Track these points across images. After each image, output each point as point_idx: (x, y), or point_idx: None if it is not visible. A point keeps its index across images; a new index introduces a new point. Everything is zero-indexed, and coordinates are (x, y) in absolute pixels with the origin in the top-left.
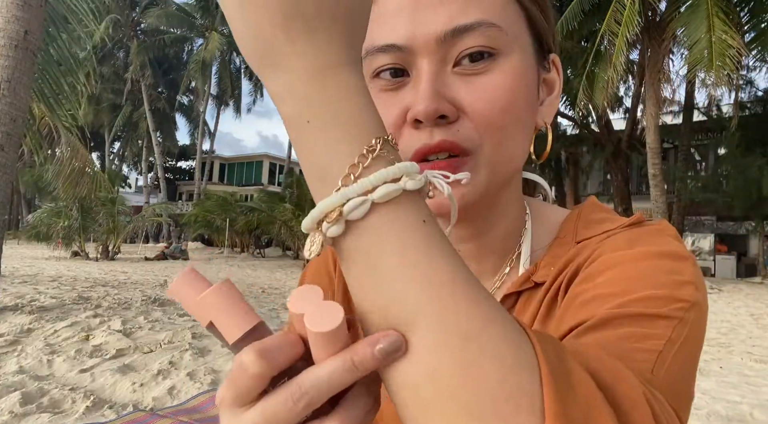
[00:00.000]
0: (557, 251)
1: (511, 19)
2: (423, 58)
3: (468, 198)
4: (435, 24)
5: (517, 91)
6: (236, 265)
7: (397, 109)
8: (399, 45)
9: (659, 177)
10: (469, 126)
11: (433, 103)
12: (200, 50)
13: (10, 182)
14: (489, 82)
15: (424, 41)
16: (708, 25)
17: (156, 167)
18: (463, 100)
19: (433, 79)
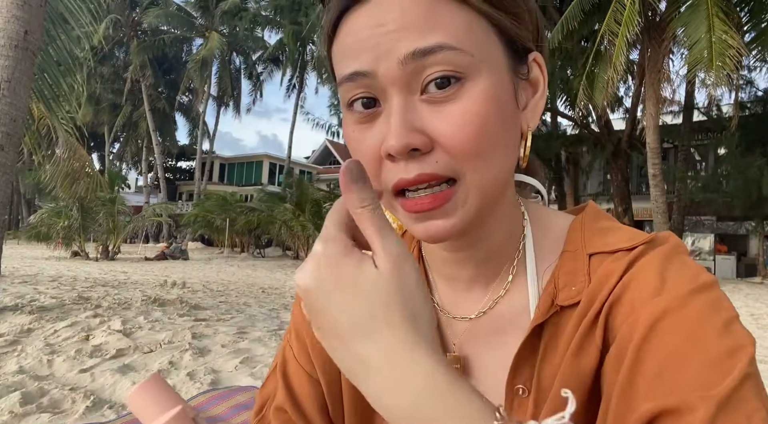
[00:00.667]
0: (571, 267)
1: (477, 39)
2: (391, 86)
3: (459, 227)
4: (396, 48)
5: (489, 114)
6: (236, 265)
7: (373, 142)
8: (363, 71)
9: (659, 177)
10: (445, 157)
11: (404, 139)
12: (200, 50)
13: (10, 182)
14: (458, 110)
15: (387, 66)
16: (708, 25)
17: (156, 167)
18: (434, 130)
19: (402, 111)
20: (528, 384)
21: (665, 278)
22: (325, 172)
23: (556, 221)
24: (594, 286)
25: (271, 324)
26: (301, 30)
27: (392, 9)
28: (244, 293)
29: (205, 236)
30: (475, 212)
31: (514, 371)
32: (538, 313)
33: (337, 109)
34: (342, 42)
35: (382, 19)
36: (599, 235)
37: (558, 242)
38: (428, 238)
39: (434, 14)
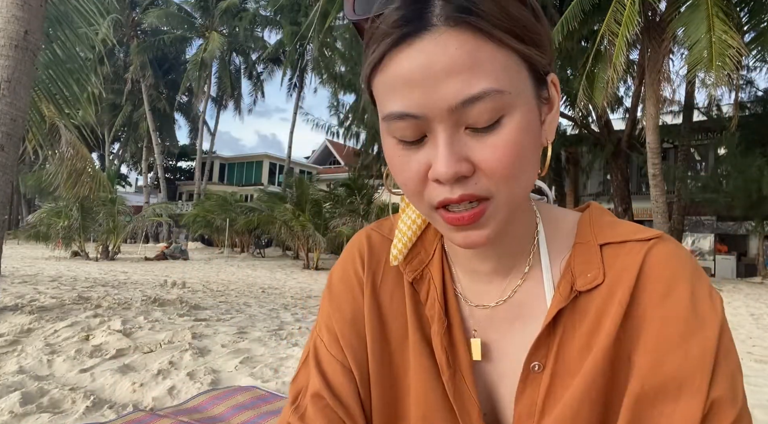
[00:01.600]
0: (585, 257)
1: (512, 76)
2: (438, 123)
3: (492, 236)
4: (445, 96)
5: (524, 141)
6: (236, 265)
7: (419, 165)
8: (414, 114)
9: (659, 177)
10: (484, 180)
11: (453, 168)
12: (200, 50)
13: (10, 182)
14: (499, 140)
15: (437, 111)
16: (708, 25)
17: (156, 167)
18: (476, 157)
19: (450, 144)
20: (543, 360)
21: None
22: (325, 172)
23: (565, 218)
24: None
25: (271, 324)
26: (301, 30)
27: (441, 54)
28: (244, 293)
29: (205, 236)
30: (504, 222)
31: (535, 349)
32: (559, 298)
33: (336, 109)
34: (389, 78)
35: (431, 63)
36: (607, 227)
37: (568, 236)
38: (466, 246)
39: (478, 59)
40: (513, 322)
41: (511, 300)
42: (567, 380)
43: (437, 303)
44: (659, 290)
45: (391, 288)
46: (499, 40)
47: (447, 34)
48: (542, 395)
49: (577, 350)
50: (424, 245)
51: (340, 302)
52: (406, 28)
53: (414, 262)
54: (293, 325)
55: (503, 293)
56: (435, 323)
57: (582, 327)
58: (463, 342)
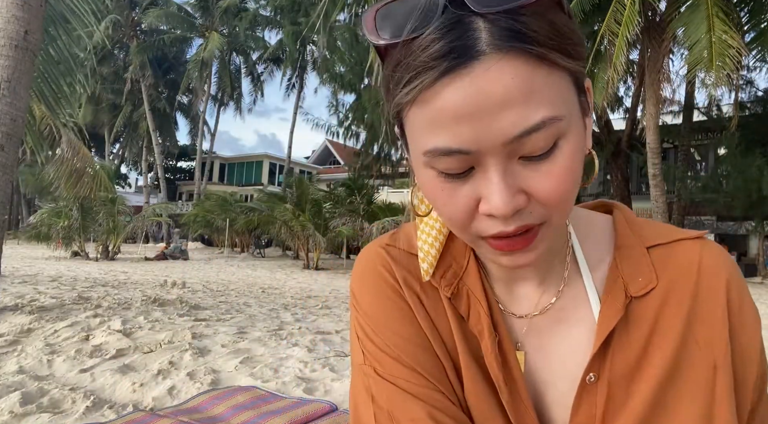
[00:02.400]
0: (632, 261)
1: (565, 97)
2: (490, 157)
3: (540, 258)
4: (500, 129)
5: (577, 163)
6: (236, 265)
7: (468, 199)
8: (464, 150)
9: (659, 177)
10: (539, 207)
11: (511, 204)
12: (200, 50)
13: (10, 182)
14: (555, 167)
15: (491, 146)
16: (708, 25)
17: (156, 167)
18: (531, 187)
19: (504, 177)
20: (598, 371)
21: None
22: (325, 172)
23: (594, 219)
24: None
25: (271, 324)
26: (301, 31)
27: (494, 86)
28: (244, 293)
29: (205, 236)
30: (551, 243)
31: (593, 360)
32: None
33: (336, 109)
34: (431, 112)
35: (485, 96)
36: (647, 228)
37: (602, 238)
38: (514, 267)
39: (534, 87)
40: (555, 330)
41: (552, 307)
42: (625, 387)
43: (483, 317)
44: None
45: (433, 304)
46: (553, 62)
47: (500, 63)
48: (601, 406)
49: (634, 357)
50: (455, 257)
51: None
52: (453, 60)
53: (447, 275)
54: (293, 325)
55: (543, 300)
56: (485, 338)
57: (637, 333)
58: (513, 356)
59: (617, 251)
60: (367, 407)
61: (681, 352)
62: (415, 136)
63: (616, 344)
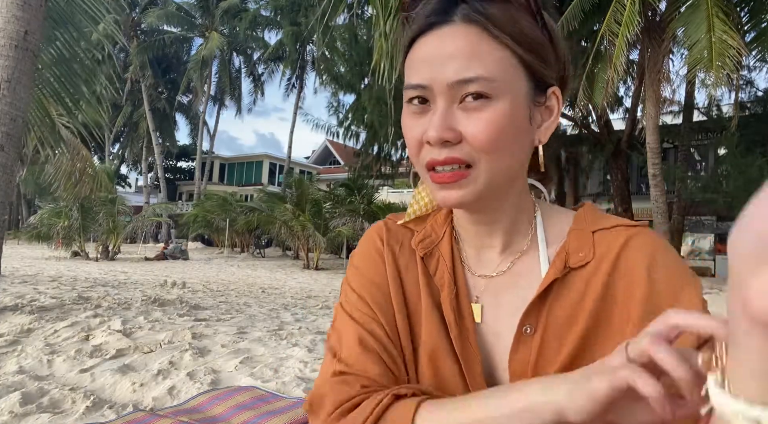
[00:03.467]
0: (579, 241)
1: (505, 71)
2: (439, 95)
3: (467, 198)
4: (446, 74)
5: (504, 124)
6: (236, 265)
7: (420, 130)
8: (422, 84)
9: (659, 177)
10: (468, 148)
11: (440, 133)
12: (200, 50)
13: (11, 182)
14: (483, 118)
15: (439, 85)
16: (708, 25)
17: (156, 167)
18: (464, 129)
19: (443, 114)
20: (534, 325)
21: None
22: (325, 172)
23: (559, 212)
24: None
25: (271, 324)
26: (301, 31)
27: (451, 42)
28: (244, 293)
29: (205, 236)
30: (481, 190)
31: (526, 314)
32: (553, 271)
33: (336, 109)
34: (413, 56)
35: (443, 48)
36: (600, 218)
37: (561, 226)
38: (444, 203)
39: (478, 51)
40: (509, 290)
41: (509, 271)
42: (555, 343)
43: (447, 273)
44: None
45: (406, 262)
46: (501, 41)
47: (461, 28)
48: (534, 356)
49: (565, 317)
50: (434, 229)
51: (366, 272)
52: (433, 18)
53: (425, 241)
54: (293, 325)
55: (503, 265)
56: (445, 289)
57: (569, 297)
58: (468, 306)
59: (570, 233)
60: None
61: (601, 309)
62: (405, 77)
63: (551, 304)
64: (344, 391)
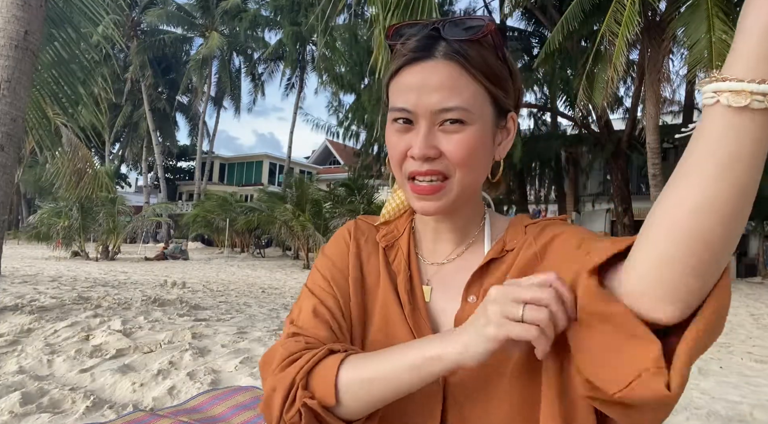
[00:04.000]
0: (514, 234)
1: (478, 102)
2: (422, 119)
3: (441, 209)
4: (430, 102)
5: (476, 145)
6: (236, 265)
7: (404, 145)
8: (408, 109)
9: (659, 177)
10: (446, 162)
11: (423, 150)
12: (200, 50)
13: (11, 182)
14: (460, 139)
15: (423, 110)
16: (708, 25)
17: (156, 167)
18: (443, 147)
19: (426, 135)
20: (477, 294)
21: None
22: (325, 172)
23: (501, 217)
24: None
25: (271, 324)
26: (301, 31)
27: (434, 75)
28: (244, 293)
29: (205, 236)
30: (453, 200)
31: (469, 285)
32: (493, 252)
33: (336, 109)
34: (399, 83)
35: (427, 79)
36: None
37: (502, 226)
38: (423, 212)
39: (457, 85)
40: (456, 274)
41: (458, 259)
42: None
43: (403, 261)
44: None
45: (369, 252)
46: (474, 76)
47: (442, 64)
48: None
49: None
50: (398, 226)
51: (331, 257)
52: (418, 54)
53: (388, 236)
54: None
55: (453, 255)
56: (400, 274)
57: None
58: (420, 288)
59: (508, 228)
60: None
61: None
62: (390, 99)
63: (489, 277)
64: (292, 346)
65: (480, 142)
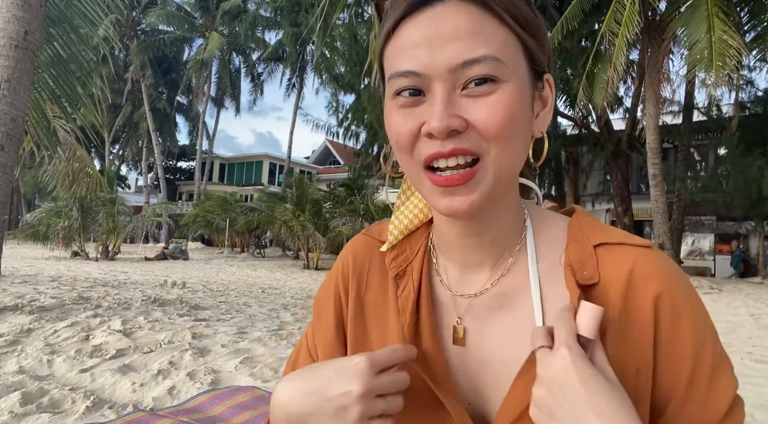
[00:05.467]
0: (580, 255)
1: (510, 53)
2: (437, 83)
3: (478, 203)
4: (448, 57)
5: (515, 109)
6: (236, 265)
7: (414, 123)
8: (417, 71)
9: (659, 177)
10: (477, 136)
11: (445, 121)
12: (200, 50)
13: (11, 182)
14: (492, 102)
15: (438, 70)
16: (708, 25)
17: (156, 167)
18: (470, 116)
19: (445, 100)
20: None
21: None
22: (325, 172)
23: (552, 219)
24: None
25: (271, 324)
26: (301, 31)
27: (449, 20)
28: (244, 293)
29: (205, 236)
30: (490, 190)
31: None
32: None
33: (336, 109)
34: (399, 43)
35: (439, 27)
36: (598, 230)
37: (556, 234)
38: (453, 212)
39: (482, 29)
40: (495, 311)
41: (493, 290)
42: None
43: (411, 295)
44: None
45: (377, 285)
46: (503, 20)
47: (456, 6)
48: None
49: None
50: (410, 244)
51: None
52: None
53: (398, 259)
54: (293, 325)
55: (487, 283)
56: (406, 313)
57: None
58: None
59: (569, 245)
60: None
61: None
62: (387, 69)
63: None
64: None
65: (519, 104)
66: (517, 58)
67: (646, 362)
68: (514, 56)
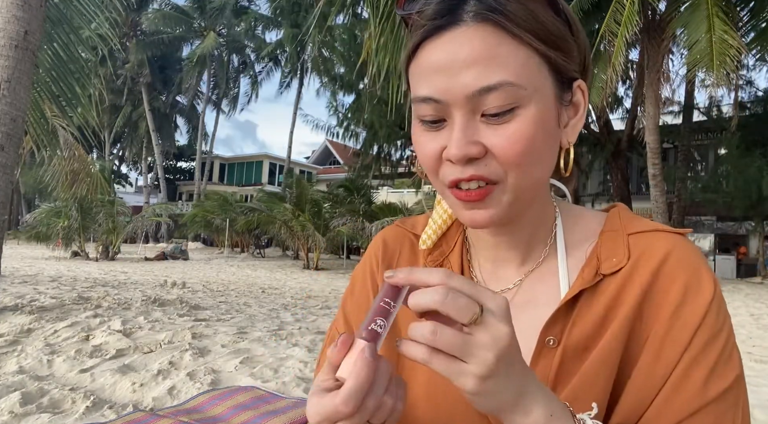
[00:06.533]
0: (612, 243)
1: (531, 73)
2: (456, 110)
3: (495, 218)
4: (464, 84)
5: (535, 135)
6: (236, 265)
7: (436, 146)
8: (436, 98)
9: (659, 177)
10: (495, 163)
11: (463, 150)
12: (198, 50)
13: (10, 182)
14: (511, 130)
15: (456, 98)
16: (708, 25)
17: (156, 167)
18: (489, 143)
19: (464, 128)
20: (559, 336)
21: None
22: (325, 173)
23: (585, 214)
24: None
25: (271, 324)
26: (301, 32)
27: (464, 46)
28: (244, 293)
29: (205, 236)
30: (508, 208)
31: (550, 325)
32: (581, 281)
33: (336, 109)
34: (420, 65)
35: (455, 54)
36: (636, 221)
37: (590, 226)
38: (472, 223)
39: (498, 53)
40: (524, 306)
41: (523, 285)
42: (579, 354)
43: None
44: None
45: None
46: (522, 39)
47: (473, 29)
48: (554, 369)
49: (592, 325)
50: (447, 239)
51: (355, 292)
52: (439, 21)
53: (435, 253)
54: (293, 325)
55: (518, 278)
56: None
57: (599, 305)
58: None
59: (602, 235)
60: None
61: (629, 327)
62: (411, 87)
63: (578, 316)
64: None
65: (540, 128)
66: (539, 76)
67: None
68: (535, 75)
